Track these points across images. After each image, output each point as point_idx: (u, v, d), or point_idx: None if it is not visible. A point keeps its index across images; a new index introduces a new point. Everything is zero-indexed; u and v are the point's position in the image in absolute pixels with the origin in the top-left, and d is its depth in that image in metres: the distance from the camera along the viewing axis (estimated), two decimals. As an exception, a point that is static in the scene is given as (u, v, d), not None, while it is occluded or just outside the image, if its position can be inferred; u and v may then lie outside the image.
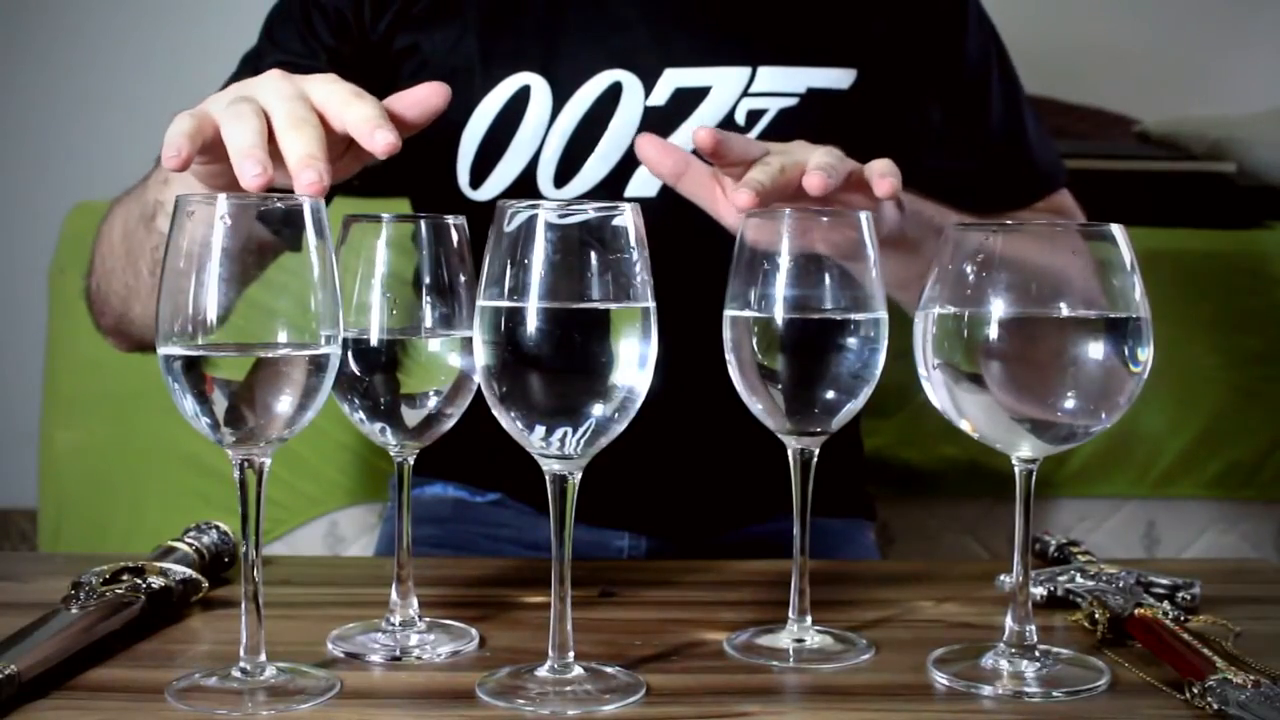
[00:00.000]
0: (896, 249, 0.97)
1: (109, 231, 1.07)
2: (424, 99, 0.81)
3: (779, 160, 0.87)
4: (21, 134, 2.89)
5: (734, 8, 1.17)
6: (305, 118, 0.75)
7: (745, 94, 1.13)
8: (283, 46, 1.17)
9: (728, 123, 1.12)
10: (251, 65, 1.17)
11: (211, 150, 0.76)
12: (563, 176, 1.14)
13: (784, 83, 1.14)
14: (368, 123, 0.75)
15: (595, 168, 1.14)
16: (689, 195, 0.93)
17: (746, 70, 1.13)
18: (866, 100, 1.16)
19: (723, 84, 1.13)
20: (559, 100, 1.14)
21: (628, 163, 1.14)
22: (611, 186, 1.14)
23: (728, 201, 0.91)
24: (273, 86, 0.78)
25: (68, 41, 2.91)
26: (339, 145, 0.78)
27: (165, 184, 0.96)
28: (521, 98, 1.14)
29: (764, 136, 1.10)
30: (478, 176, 1.16)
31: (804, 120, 1.13)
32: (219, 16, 1.49)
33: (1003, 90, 1.24)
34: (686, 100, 1.13)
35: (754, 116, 1.13)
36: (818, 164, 0.85)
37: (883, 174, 0.87)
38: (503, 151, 1.15)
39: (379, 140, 0.74)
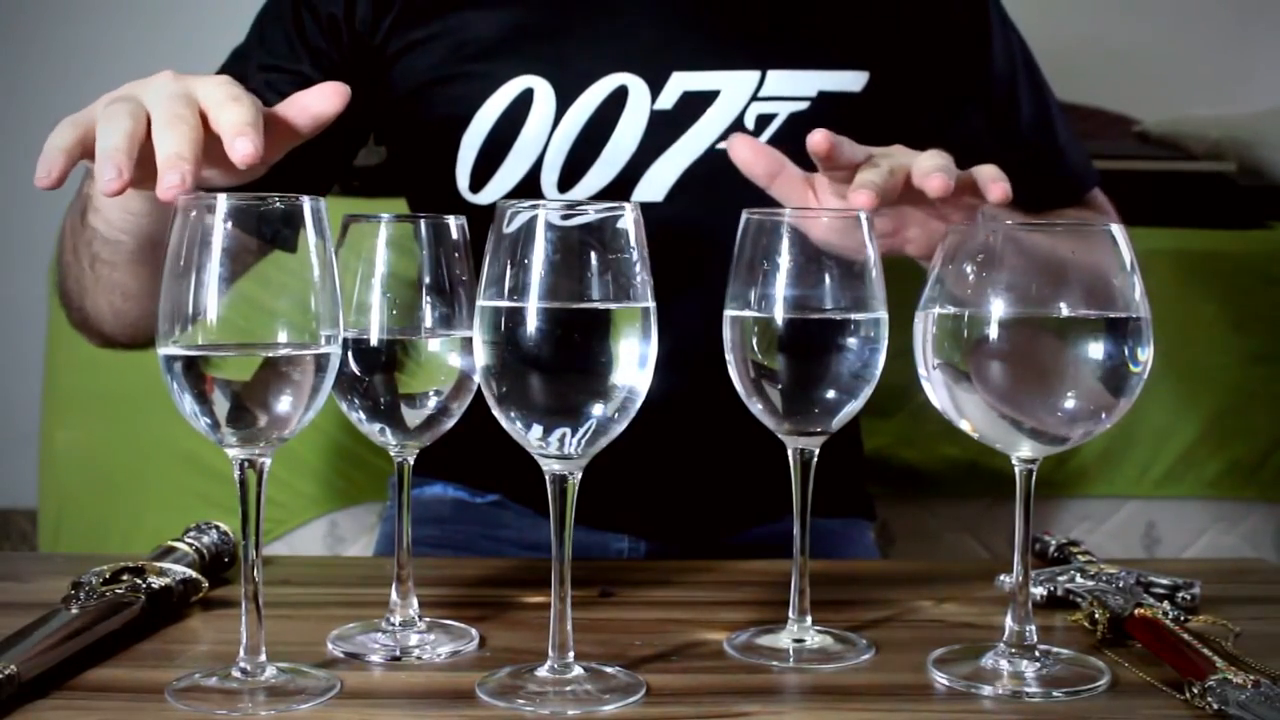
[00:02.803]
0: None
1: (63, 227, 1.05)
2: (310, 105, 0.79)
3: (888, 163, 0.87)
4: (21, 134, 2.89)
5: (743, 10, 1.15)
6: (181, 115, 0.73)
7: (755, 98, 1.12)
8: (268, 47, 1.16)
9: (736, 127, 1.11)
10: (240, 62, 1.16)
11: (91, 155, 0.75)
12: (566, 182, 1.13)
13: (794, 86, 1.13)
14: (233, 128, 0.73)
15: (600, 173, 1.13)
16: (779, 197, 0.92)
17: (756, 74, 1.12)
18: (879, 103, 1.14)
19: (732, 88, 1.12)
20: (563, 104, 1.12)
21: (633, 168, 1.13)
22: (616, 192, 1.12)
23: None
24: (157, 85, 0.76)
25: (67, 42, 2.92)
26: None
27: (90, 178, 0.94)
28: (524, 101, 1.13)
29: (774, 141, 1.10)
30: (478, 181, 1.15)
31: (815, 124, 1.10)
32: (219, 17, 1.49)
33: (1031, 92, 1.23)
34: (694, 104, 1.12)
35: (764, 121, 1.12)
36: (938, 166, 0.85)
37: (994, 179, 0.87)
38: (504, 156, 1.13)
39: (238, 149, 0.72)
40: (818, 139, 0.86)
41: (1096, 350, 0.71)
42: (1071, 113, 2.65)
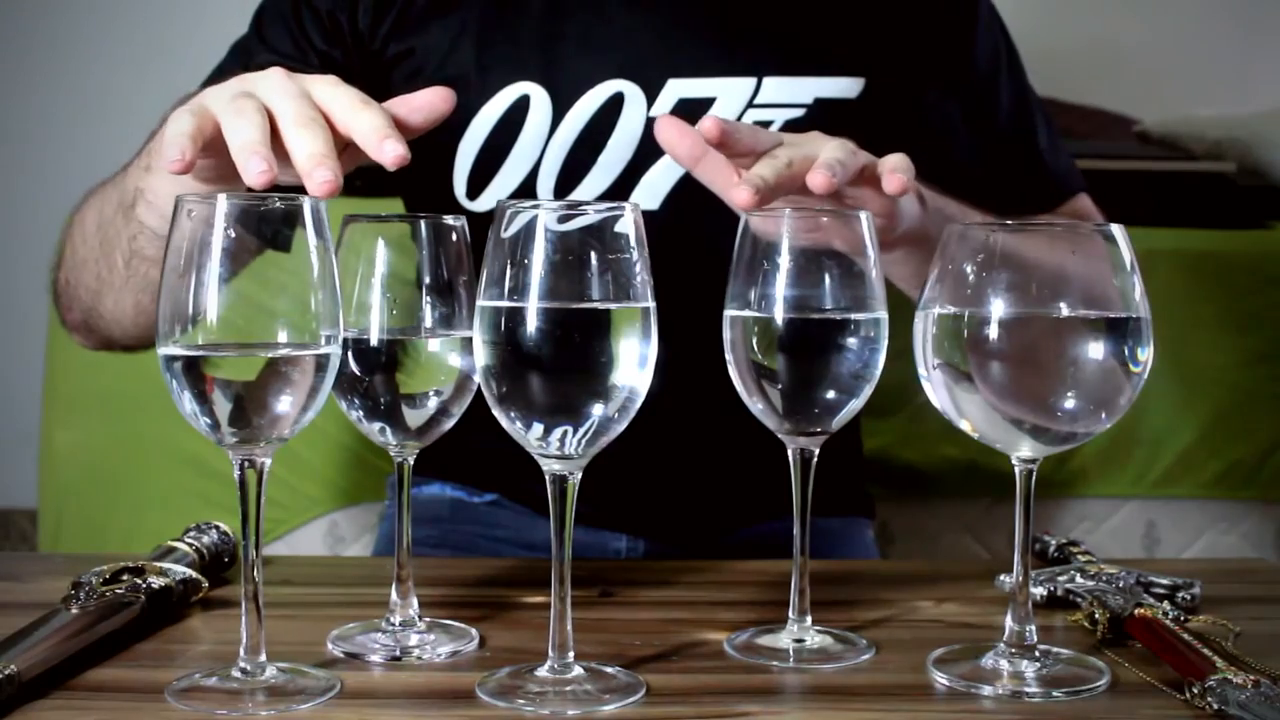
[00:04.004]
0: (918, 246, 0.94)
1: (82, 221, 1.04)
2: (429, 104, 0.79)
3: (787, 154, 0.84)
4: (22, 134, 2.90)
5: (739, 17, 1.15)
6: (313, 117, 0.74)
7: (751, 105, 1.12)
8: (273, 46, 1.15)
9: None
10: (242, 58, 1.15)
11: (210, 146, 0.75)
12: (563, 189, 1.13)
13: (791, 93, 1.12)
14: (376, 133, 0.74)
15: (596, 179, 1.13)
16: (704, 180, 0.90)
17: (751, 81, 1.12)
18: (876, 109, 1.14)
19: (727, 95, 1.12)
20: (559, 110, 1.12)
21: (630, 174, 1.13)
22: (613, 199, 1.12)
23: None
24: (276, 84, 0.77)
25: (68, 42, 2.91)
26: (339, 147, 0.76)
27: (148, 171, 0.93)
28: (520, 108, 1.13)
29: None
30: (475, 187, 1.14)
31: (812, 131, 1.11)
32: (220, 17, 1.49)
33: (1012, 92, 1.22)
34: (690, 111, 1.10)
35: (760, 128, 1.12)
36: (825, 160, 0.82)
37: (894, 169, 0.84)
38: (501, 162, 1.13)
39: (388, 151, 0.73)
40: (708, 125, 0.83)
41: (1096, 350, 0.71)
42: (1071, 113, 2.66)
